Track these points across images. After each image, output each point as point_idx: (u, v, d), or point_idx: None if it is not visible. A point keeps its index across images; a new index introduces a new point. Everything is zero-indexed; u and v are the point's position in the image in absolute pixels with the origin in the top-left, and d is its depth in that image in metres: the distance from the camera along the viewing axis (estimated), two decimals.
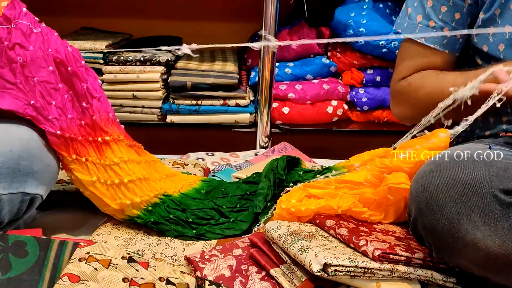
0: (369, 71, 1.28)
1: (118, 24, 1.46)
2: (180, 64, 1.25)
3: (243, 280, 0.67)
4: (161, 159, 1.07)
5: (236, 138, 1.28)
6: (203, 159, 1.15)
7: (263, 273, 0.68)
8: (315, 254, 0.63)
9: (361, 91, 1.28)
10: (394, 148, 0.75)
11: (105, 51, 1.18)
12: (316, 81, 1.28)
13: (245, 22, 1.43)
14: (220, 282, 0.64)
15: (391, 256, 0.65)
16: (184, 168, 1.02)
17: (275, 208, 0.77)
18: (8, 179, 0.63)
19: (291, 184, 0.81)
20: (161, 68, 1.19)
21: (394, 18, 1.24)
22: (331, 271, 0.61)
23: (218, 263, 0.70)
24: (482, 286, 0.64)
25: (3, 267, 0.51)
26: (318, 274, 0.61)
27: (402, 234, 0.75)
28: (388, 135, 1.33)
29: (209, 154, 1.17)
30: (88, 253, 0.54)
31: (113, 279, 0.52)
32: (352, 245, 0.68)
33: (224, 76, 1.21)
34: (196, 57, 1.35)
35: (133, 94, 1.19)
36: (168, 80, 1.20)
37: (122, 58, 1.19)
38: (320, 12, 1.33)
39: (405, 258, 0.65)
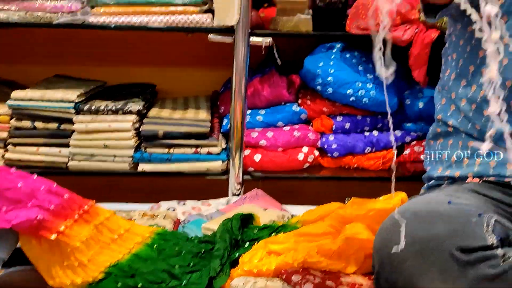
0: (339, 118, 1.31)
1: (92, 72, 1.47)
2: (152, 112, 1.26)
3: None
4: (132, 210, 1.07)
5: (209, 186, 1.28)
6: (174, 209, 1.14)
7: None
8: None
9: (331, 137, 1.30)
10: (348, 200, 0.77)
11: (76, 101, 1.18)
12: (287, 128, 1.30)
13: (217, 69, 1.47)
14: None
15: None
16: (153, 219, 1.01)
17: (230, 271, 0.77)
18: None
19: (247, 244, 0.81)
20: (133, 117, 1.20)
21: (360, 68, 1.29)
22: None
23: None
24: None
25: None
26: None
27: (368, 286, 0.75)
28: (358, 181, 1.35)
29: (180, 203, 1.16)
30: None
31: None
32: None
33: (196, 125, 1.22)
34: (169, 105, 1.36)
35: (104, 143, 1.19)
36: (140, 129, 1.21)
37: (93, 107, 1.19)
38: (290, 61, 1.38)
39: None
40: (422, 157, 1.27)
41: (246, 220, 0.89)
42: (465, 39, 0.87)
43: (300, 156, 1.29)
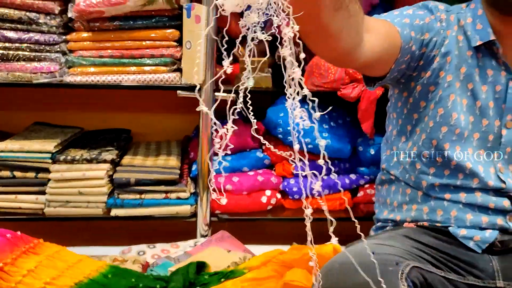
0: (299, 164, 1.42)
1: (69, 118, 1.56)
2: (125, 160, 1.36)
3: None
4: (103, 255, 1.15)
5: (178, 228, 1.37)
6: (144, 252, 1.23)
7: None
8: None
9: (292, 181, 1.41)
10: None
11: (53, 151, 1.27)
12: (251, 173, 1.41)
13: (188, 116, 1.57)
14: None
15: None
16: (123, 264, 1.09)
17: None
18: None
19: None
20: (106, 166, 1.29)
21: (318, 119, 1.42)
22: None
23: None
24: None
25: None
26: None
27: None
28: (317, 221, 1.45)
29: (150, 246, 1.25)
30: None
31: None
32: None
33: (166, 172, 1.32)
34: (142, 151, 1.46)
35: (79, 191, 1.27)
36: (113, 177, 1.30)
37: (69, 157, 1.28)
38: (255, 110, 1.49)
39: None
40: (373, 199, 1.39)
41: (200, 267, 0.99)
42: (402, 102, 0.99)
43: (264, 199, 1.39)
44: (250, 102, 0.61)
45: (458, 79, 0.93)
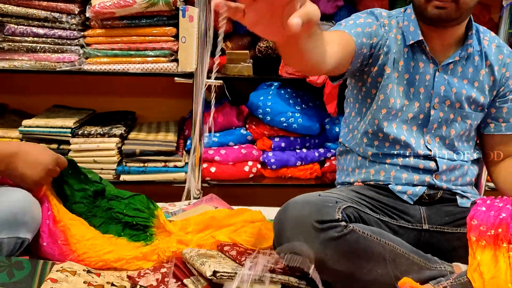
0: (276, 139, 1.69)
1: (83, 101, 1.80)
2: (131, 135, 1.62)
3: (164, 287, 1.01)
4: None
5: (175, 192, 1.62)
6: None
7: (179, 283, 1.03)
8: (209, 265, 0.98)
9: (270, 154, 1.67)
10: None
11: (72, 127, 1.53)
12: (236, 147, 1.67)
13: (185, 100, 1.79)
14: (147, 286, 0.98)
15: (260, 266, 1.01)
16: None
17: None
18: (8, 228, 0.91)
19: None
20: (116, 139, 1.55)
21: (291, 101, 1.68)
22: (218, 275, 0.97)
23: (149, 278, 1.04)
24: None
25: (9, 275, 0.84)
26: (210, 277, 0.97)
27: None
28: (292, 187, 1.69)
29: None
30: (62, 267, 0.88)
31: (77, 281, 0.86)
32: (237, 261, 1.05)
33: (165, 145, 1.58)
34: (145, 129, 1.72)
35: (93, 159, 1.54)
36: (122, 148, 1.56)
37: (85, 132, 1.54)
38: (241, 94, 1.76)
39: (270, 268, 1.02)
40: None
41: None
42: (357, 90, 1.22)
43: (246, 168, 1.65)
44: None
45: (397, 71, 1.15)
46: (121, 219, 1.13)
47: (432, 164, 1.16)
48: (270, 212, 1.36)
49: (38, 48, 1.48)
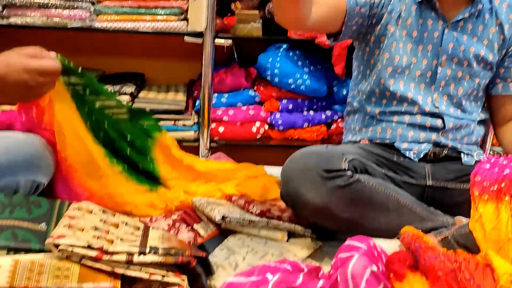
0: (284, 101, 1.71)
1: (92, 62, 1.80)
2: (142, 94, 1.65)
3: (176, 231, 1.05)
4: None
5: (184, 150, 1.65)
6: None
7: (189, 228, 1.07)
8: (218, 211, 1.02)
9: (278, 115, 1.70)
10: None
11: None
12: (244, 108, 1.69)
13: (193, 62, 1.79)
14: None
15: (267, 214, 1.05)
16: None
17: None
18: (25, 170, 0.92)
19: None
20: (127, 97, 1.58)
21: (299, 63, 1.69)
22: (227, 220, 1.01)
23: (161, 223, 1.08)
24: (327, 234, 1.04)
25: (28, 211, 0.88)
26: (219, 222, 1.01)
27: (281, 202, 1.15)
28: (297, 149, 1.71)
29: None
30: (78, 206, 0.92)
31: (94, 219, 0.90)
32: (245, 209, 1.08)
33: (175, 104, 1.61)
34: (155, 89, 1.74)
35: None
36: (132, 107, 1.59)
37: None
38: (249, 57, 1.77)
39: (277, 216, 1.05)
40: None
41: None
42: (362, 51, 1.23)
43: (254, 129, 1.68)
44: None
45: (405, 29, 1.15)
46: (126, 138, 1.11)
47: (439, 122, 1.18)
48: (276, 172, 1.40)
49: (50, 4, 1.49)
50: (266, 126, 1.70)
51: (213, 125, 1.66)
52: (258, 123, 1.68)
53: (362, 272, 0.86)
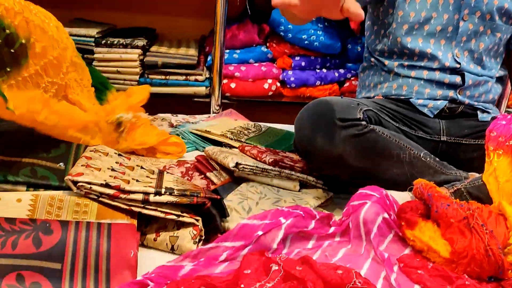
0: (297, 58, 1.69)
1: (104, 16, 1.80)
2: (153, 48, 1.63)
3: (189, 178, 1.07)
4: None
5: (195, 106, 1.66)
6: (170, 120, 1.53)
7: (202, 176, 1.08)
8: (232, 158, 1.03)
9: (290, 73, 1.68)
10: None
11: (96, 36, 1.54)
12: (256, 64, 1.68)
13: (206, 18, 1.81)
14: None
15: (280, 163, 1.06)
16: (154, 122, 1.40)
17: None
18: None
19: None
20: (138, 51, 1.57)
21: (314, 19, 1.66)
22: (240, 167, 1.02)
23: (174, 170, 1.09)
24: (339, 187, 1.05)
25: (47, 151, 0.89)
26: (232, 169, 1.02)
27: (294, 155, 1.16)
28: None
29: (174, 115, 1.55)
30: (95, 147, 0.93)
31: (110, 161, 0.91)
32: (258, 159, 1.09)
33: (187, 58, 1.59)
34: (166, 44, 1.73)
35: (117, 69, 1.56)
36: (144, 60, 1.58)
37: (108, 42, 1.56)
38: (262, 12, 1.74)
39: (289, 165, 1.06)
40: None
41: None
42: (376, 11, 1.21)
43: (266, 86, 1.67)
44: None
45: None
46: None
47: (458, 79, 1.16)
48: (288, 129, 1.40)
49: None
50: (278, 84, 1.69)
51: (225, 81, 1.65)
52: (270, 80, 1.67)
53: (374, 218, 0.87)
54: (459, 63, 1.15)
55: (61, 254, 0.68)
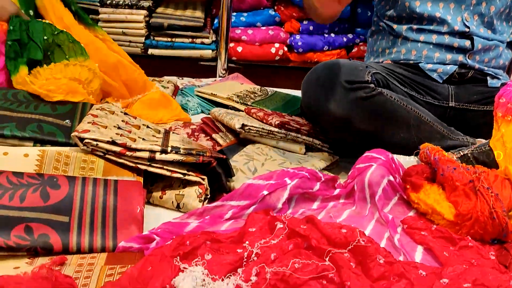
0: (305, 22, 1.65)
1: None
2: (159, 9, 1.61)
3: (195, 140, 1.07)
4: None
5: (201, 69, 1.65)
6: (176, 82, 1.52)
7: (208, 137, 1.08)
8: (238, 119, 1.02)
9: (298, 37, 1.65)
10: None
11: None
12: (263, 28, 1.65)
13: None
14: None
15: (286, 126, 1.05)
16: (160, 83, 1.39)
17: None
18: None
19: None
20: (144, 12, 1.54)
21: None
22: (246, 129, 1.01)
23: (180, 131, 1.09)
24: (345, 151, 1.05)
25: (53, 109, 0.89)
26: (238, 130, 1.01)
27: (300, 118, 1.15)
28: None
29: (179, 78, 1.54)
30: (101, 106, 0.93)
31: (116, 119, 0.90)
32: (264, 121, 1.08)
33: (193, 20, 1.57)
34: (172, 5, 1.70)
35: (122, 31, 1.54)
36: (150, 21, 1.56)
37: (114, 1, 1.53)
38: None
39: (295, 128, 1.05)
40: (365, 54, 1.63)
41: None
42: None
43: (273, 50, 1.65)
44: None
45: None
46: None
47: (467, 43, 1.14)
48: (295, 94, 1.38)
49: None
50: (285, 48, 1.66)
51: (231, 44, 1.62)
52: (277, 44, 1.65)
53: (379, 181, 0.87)
54: (468, 27, 1.13)
55: (68, 208, 0.69)
